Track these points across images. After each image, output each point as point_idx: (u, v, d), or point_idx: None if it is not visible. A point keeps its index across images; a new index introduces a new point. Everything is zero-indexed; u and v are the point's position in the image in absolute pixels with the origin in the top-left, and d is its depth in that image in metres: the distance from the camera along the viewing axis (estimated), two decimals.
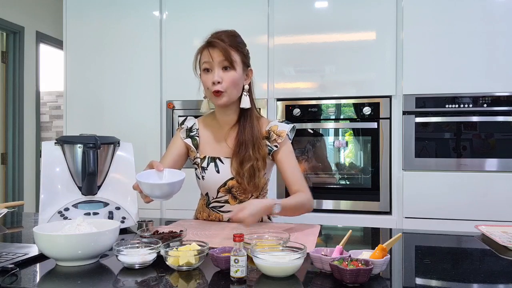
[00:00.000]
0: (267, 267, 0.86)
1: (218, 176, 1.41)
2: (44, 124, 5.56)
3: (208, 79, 1.34)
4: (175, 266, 0.90)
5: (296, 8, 2.41)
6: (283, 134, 1.42)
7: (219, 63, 1.33)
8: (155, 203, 2.52)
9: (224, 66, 1.33)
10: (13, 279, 0.86)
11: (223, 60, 1.32)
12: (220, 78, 1.32)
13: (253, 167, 1.36)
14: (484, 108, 2.18)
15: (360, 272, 0.79)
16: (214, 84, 1.32)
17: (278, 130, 1.42)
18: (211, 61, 1.33)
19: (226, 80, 1.33)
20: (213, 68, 1.33)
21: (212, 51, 1.33)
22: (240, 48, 1.37)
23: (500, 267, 1.00)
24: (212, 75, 1.33)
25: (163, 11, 2.58)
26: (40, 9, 4.18)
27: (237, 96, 1.39)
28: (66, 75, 2.71)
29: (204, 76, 1.36)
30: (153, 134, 2.56)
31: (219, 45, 1.32)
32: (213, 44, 1.33)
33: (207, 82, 1.35)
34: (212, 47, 1.33)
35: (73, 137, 1.36)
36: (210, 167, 1.42)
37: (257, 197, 1.44)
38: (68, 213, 1.29)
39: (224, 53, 1.31)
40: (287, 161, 1.42)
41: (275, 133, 1.42)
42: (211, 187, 1.44)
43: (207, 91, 1.38)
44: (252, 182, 1.36)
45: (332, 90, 2.37)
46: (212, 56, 1.32)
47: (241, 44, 1.38)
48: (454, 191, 2.18)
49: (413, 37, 2.26)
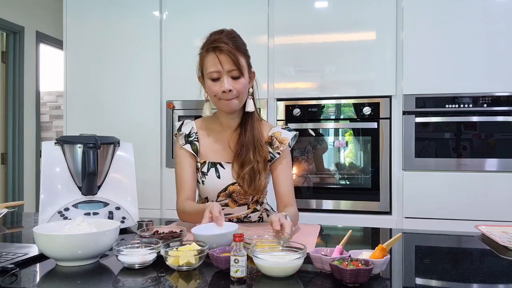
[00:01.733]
0: (267, 267, 0.86)
1: (219, 182, 1.39)
2: (44, 124, 5.56)
3: (216, 87, 1.29)
4: (175, 266, 0.90)
5: (296, 8, 2.41)
6: (286, 141, 1.39)
7: (228, 72, 1.28)
8: (155, 203, 2.53)
9: (233, 76, 1.29)
10: (13, 279, 0.86)
11: (233, 70, 1.28)
12: (231, 86, 1.28)
13: (253, 170, 1.34)
14: (484, 108, 2.18)
15: (360, 272, 0.79)
16: (225, 92, 1.29)
17: (281, 137, 1.40)
18: (220, 70, 1.27)
19: (236, 88, 1.30)
20: (222, 76, 1.28)
21: (220, 57, 1.26)
22: (244, 49, 1.33)
23: (500, 267, 1.00)
24: (221, 83, 1.28)
25: (163, 11, 2.58)
26: (40, 9, 4.18)
27: (244, 101, 1.37)
28: (66, 75, 2.71)
29: (211, 83, 1.30)
30: (153, 134, 2.56)
31: (226, 49, 1.26)
32: (220, 48, 1.26)
33: (215, 90, 1.30)
34: (219, 51, 1.27)
35: (73, 137, 1.36)
36: (211, 173, 1.40)
37: (257, 199, 1.44)
38: (68, 213, 1.29)
39: (233, 60, 1.26)
40: (284, 173, 1.40)
41: (278, 140, 1.40)
42: (211, 192, 1.42)
43: (214, 98, 1.33)
44: (252, 185, 1.34)
45: (332, 90, 2.37)
46: (221, 62, 1.26)
47: (243, 45, 1.34)
48: (454, 191, 2.18)
49: (413, 37, 2.26)
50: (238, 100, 1.32)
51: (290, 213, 1.27)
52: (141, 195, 1.50)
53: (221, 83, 1.29)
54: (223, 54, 1.27)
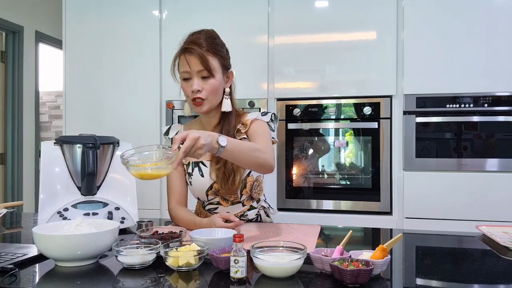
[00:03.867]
0: (267, 268, 0.85)
1: (203, 180, 1.40)
2: (44, 124, 5.56)
3: (188, 87, 1.33)
4: (175, 266, 0.90)
5: (296, 8, 2.40)
6: (248, 122, 1.39)
7: (197, 73, 1.30)
8: (154, 203, 2.52)
9: (203, 76, 1.31)
10: (12, 280, 0.85)
11: (202, 70, 1.30)
12: (200, 86, 1.31)
13: (226, 167, 1.34)
14: (484, 108, 2.18)
15: (360, 272, 0.79)
16: (194, 92, 1.31)
17: (244, 120, 1.41)
18: (189, 71, 1.30)
19: (206, 89, 1.31)
20: (192, 77, 1.31)
21: (189, 58, 1.30)
22: (218, 51, 1.34)
23: (500, 268, 0.99)
24: (191, 83, 1.31)
25: (163, 11, 2.57)
26: (40, 9, 4.18)
27: (218, 101, 1.37)
28: (65, 75, 2.70)
29: (184, 84, 1.34)
30: (153, 134, 2.56)
31: (195, 51, 1.29)
32: (189, 50, 1.30)
33: (187, 91, 1.33)
34: (188, 53, 1.30)
35: (72, 137, 1.36)
36: (195, 172, 1.41)
37: (253, 197, 1.43)
38: (68, 213, 1.29)
39: (202, 61, 1.29)
40: (255, 135, 1.37)
41: (243, 124, 1.40)
42: (200, 192, 1.43)
43: (187, 99, 1.36)
44: (227, 184, 1.34)
45: (332, 90, 2.36)
46: (189, 64, 1.30)
47: (219, 47, 1.35)
48: (455, 191, 2.18)
49: (413, 37, 2.25)
50: (207, 101, 1.33)
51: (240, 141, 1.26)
52: (140, 196, 1.50)
53: (191, 83, 1.31)
54: (192, 55, 1.30)
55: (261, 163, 1.23)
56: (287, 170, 2.41)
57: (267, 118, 1.42)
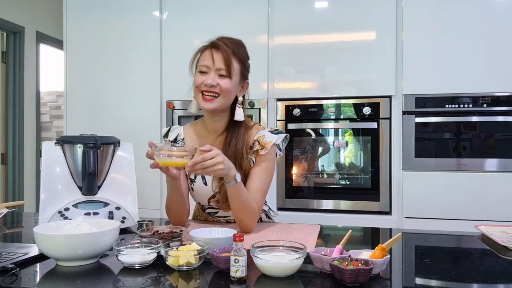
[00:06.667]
0: (267, 267, 0.86)
1: (206, 188, 1.39)
2: (44, 124, 5.56)
3: (202, 79, 1.29)
4: (175, 266, 0.90)
5: (296, 8, 2.41)
6: (268, 145, 1.33)
7: (217, 70, 1.29)
8: (155, 203, 2.53)
9: (221, 74, 1.29)
10: (13, 279, 0.86)
11: (222, 69, 1.28)
12: (215, 82, 1.28)
13: None
14: (484, 108, 2.18)
15: (360, 272, 0.79)
16: (207, 86, 1.28)
17: (263, 141, 1.34)
18: (211, 65, 1.28)
19: (221, 86, 1.29)
20: (210, 72, 1.29)
21: (215, 53, 1.29)
22: (242, 58, 1.34)
23: (500, 267, 1.00)
24: (207, 77, 1.29)
25: (163, 11, 2.58)
26: (40, 9, 4.18)
27: (227, 104, 1.34)
28: (66, 75, 2.71)
29: (199, 76, 1.31)
30: (153, 134, 2.56)
31: (222, 48, 1.28)
32: (217, 46, 1.29)
33: (199, 83, 1.30)
34: (215, 48, 1.29)
35: (73, 137, 1.36)
36: (198, 179, 1.40)
37: None
38: (68, 213, 1.29)
39: (225, 59, 1.28)
40: (258, 174, 1.33)
41: (260, 144, 1.35)
42: (201, 199, 1.42)
43: (196, 91, 1.33)
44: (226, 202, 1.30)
45: (332, 90, 2.37)
46: (213, 58, 1.28)
47: (244, 55, 1.35)
48: (454, 191, 2.19)
49: (413, 37, 2.26)
50: (219, 99, 1.30)
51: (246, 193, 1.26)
52: (141, 195, 1.50)
53: (207, 76, 1.29)
54: (218, 51, 1.29)
55: (244, 223, 1.27)
56: (287, 170, 2.41)
57: (279, 140, 1.37)
